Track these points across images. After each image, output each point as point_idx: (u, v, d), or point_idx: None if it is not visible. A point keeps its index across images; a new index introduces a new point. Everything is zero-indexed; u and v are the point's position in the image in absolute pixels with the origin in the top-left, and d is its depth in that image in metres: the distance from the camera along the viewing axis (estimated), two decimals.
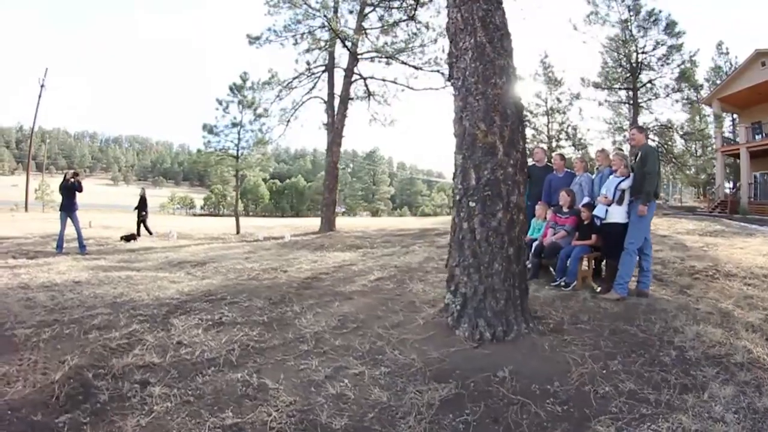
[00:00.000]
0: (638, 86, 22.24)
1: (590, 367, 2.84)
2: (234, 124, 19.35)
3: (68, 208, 9.01)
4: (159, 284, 5.29)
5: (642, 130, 5.13)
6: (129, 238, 11.89)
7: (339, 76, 17.76)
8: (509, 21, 3.75)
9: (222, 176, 23.39)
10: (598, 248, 5.21)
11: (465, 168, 3.45)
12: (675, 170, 25.05)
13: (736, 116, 24.01)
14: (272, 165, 27.57)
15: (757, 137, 20.67)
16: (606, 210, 4.85)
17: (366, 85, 18.28)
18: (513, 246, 3.40)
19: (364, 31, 17.18)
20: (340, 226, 17.89)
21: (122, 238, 11.86)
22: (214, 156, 19.93)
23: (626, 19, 21.81)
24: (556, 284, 5.13)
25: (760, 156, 20.45)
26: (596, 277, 5.48)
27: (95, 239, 11.67)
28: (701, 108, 24.68)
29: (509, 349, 3.13)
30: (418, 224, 18.82)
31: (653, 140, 21.83)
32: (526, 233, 5.32)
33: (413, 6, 15.29)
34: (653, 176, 4.56)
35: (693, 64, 22.32)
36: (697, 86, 23.56)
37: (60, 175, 11.63)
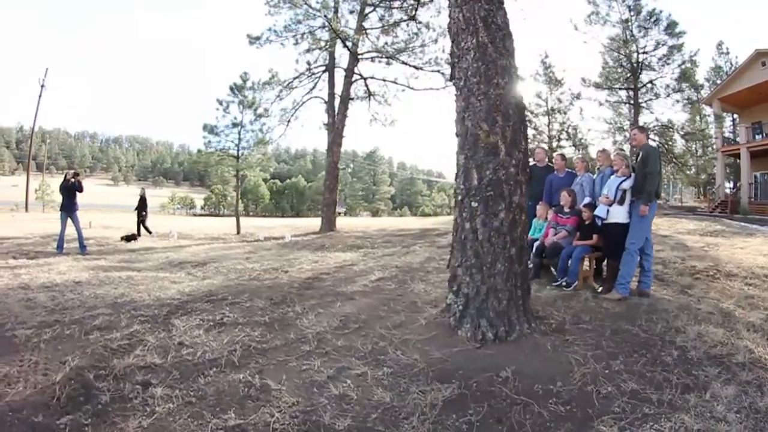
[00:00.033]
0: (639, 86, 22.24)
1: (592, 367, 2.84)
2: (234, 124, 19.36)
3: (69, 209, 9.01)
4: (160, 284, 5.26)
5: (643, 130, 5.13)
6: (129, 239, 11.89)
7: (339, 76, 17.82)
8: (510, 21, 3.75)
9: (222, 176, 23.41)
10: (600, 248, 5.20)
11: (467, 168, 3.45)
12: (675, 170, 25.04)
13: (737, 116, 24.00)
14: (273, 165, 27.58)
15: (758, 137, 20.67)
16: (607, 210, 4.85)
17: (366, 85, 18.31)
18: (515, 246, 3.40)
19: (365, 31, 17.18)
20: (341, 226, 17.89)
21: (123, 239, 11.87)
22: (215, 156, 19.95)
23: (627, 19, 21.80)
24: (558, 284, 5.14)
25: (761, 156, 20.46)
26: (597, 277, 5.48)
27: (96, 239, 11.66)
28: (701, 108, 24.68)
29: (512, 350, 3.13)
30: (419, 224, 18.81)
31: (654, 140, 21.83)
32: (528, 233, 5.32)
33: (414, 6, 15.29)
34: (654, 176, 4.57)
35: (693, 64, 22.33)
36: (698, 86, 23.57)
37: (60, 176, 11.61)
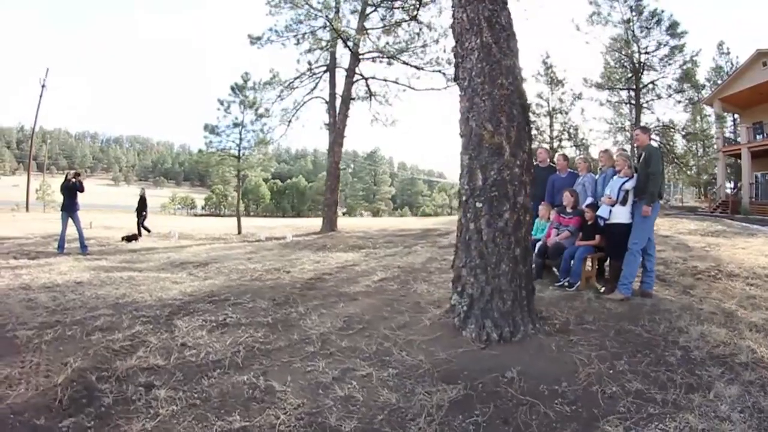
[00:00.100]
0: (640, 87, 22.24)
1: (597, 368, 2.84)
2: (235, 124, 19.38)
3: (69, 209, 9.00)
4: (161, 285, 5.24)
5: (646, 131, 5.12)
6: (130, 239, 11.89)
7: (340, 77, 17.78)
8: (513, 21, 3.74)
9: (223, 176, 23.42)
10: (602, 249, 5.20)
11: (471, 168, 3.44)
12: (677, 171, 25.06)
13: (738, 116, 23.98)
14: (274, 165, 27.57)
15: (759, 137, 20.63)
16: (610, 210, 4.85)
17: (367, 86, 18.28)
18: (520, 247, 3.39)
19: (366, 31, 17.16)
20: (342, 227, 17.86)
21: (123, 239, 11.86)
22: (216, 156, 19.96)
23: (629, 20, 21.82)
24: (560, 285, 5.13)
25: (762, 156, 20.43)
26: (600, 278, 5.47)
27: (96, 239, 11.66)
28: (702, 108, 24.68)
29: (516, 350, 3.12)
30: (420, 224, 18.79)
31: (655, 140, 21.83)
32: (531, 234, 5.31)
33: (415, 6, 15.28)
34: (657, 177, 4.56)
35: (694, 65, 22.35)
36: (699, 86, 23.57)
37: (61, 176, 11.62)
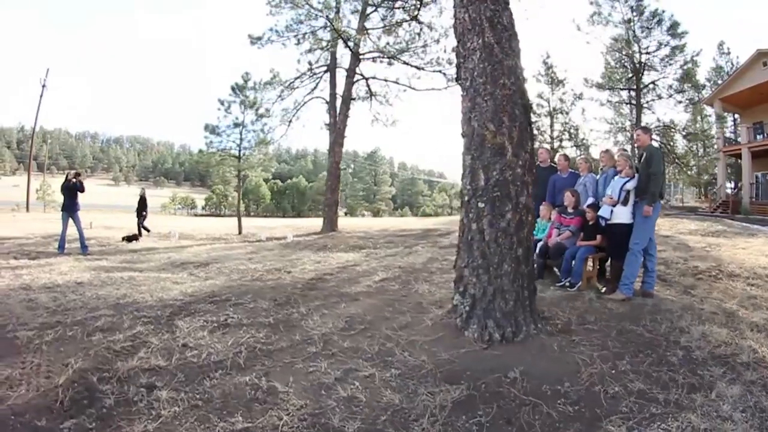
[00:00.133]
0: (641, 87, 22.23)
1: (599, 368, 2.84)
2: (236, 125, 19.40)
3: (70, 209, 9.00)
4: (162, 285, 5.23)
5: (647, 131, 5.11)
6: (131, 239, 11.89)
7: (341, 77, 17.78)
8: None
9: (224, 176, 23.43)
10: (603, 249, 5.20)
11: (474, 169, 3.44)
12: (677, 171, 25.06)
13: (738, 116, 23.97)
14: (274, 165, 27.59)
15: (759, 137, 20.64)
16: (611, 210, 4.84)
17: (368, 86, 18.28)
18: (522, 247, 3.39)
19: (367, 32, 17.15)
20: (342, 227, 17.85)
21: (124, 239, 11.86)
22: (216, 156, 19.97)
23: (629, 20, 21.82)
24: (561, 285, 5.13)
25: (762, 156, 20.44)
26: (601, 278, 5.47)
27: (97, 240, 11.66)
28: (703, 108, 24.67)
29: (519, 350, 3.12)
30: (420, 224, 18.79)
31: (655, 140, 21.83)
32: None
33: (416, 6, 15.27)
34: (658, 177, 4.56)
35: (694, 65, 22.35)
36: (699, 87, 23.56)
37: (61, 176, 11.63)
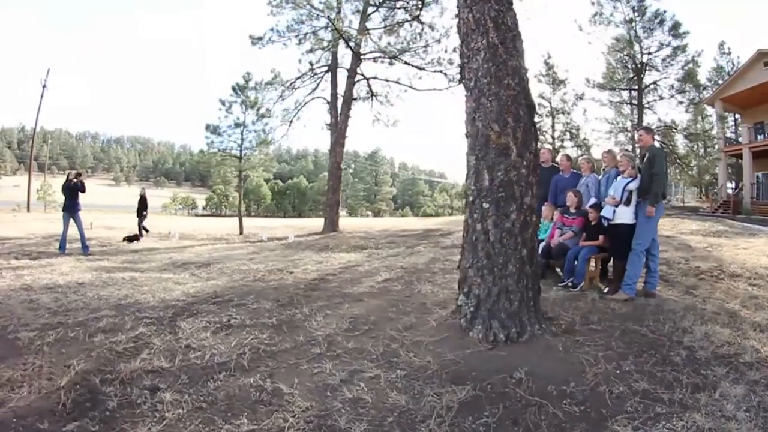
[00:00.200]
0: (642, 87, 22.22)
1: (604, 368, 2.84)
2: (237, 125, 19.43)
3: (71, 209, 9.00)
4: (164, 286, 5.21)
5: (649, 131, 5.12)
6: (132, 239, 11.89)
7: (342, 77, 17.77)
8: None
9: (224, 177, 23.44)
10: (606, 249, 5.19)
11: (478, 169, 3.43)
12: (679, 171, 25.05)
13: (739, 116, 23.96)
14: (275, 165, 27.61)
15: (760, 137, 20.63)
16: (613, 211, 4.84)
17: (369, 86, 18.28)
18: (526, 247, 3.38)
19: (368, 32, 17.14)
20: (344, 227, 17.85)
21: (125, 239, 11.87)
22: (217, 156, 19.98)
23: (631, 20, 21.81)
24: (564, 285, 5.13)
25: (763, 156, 20.43)
26: (603, 278, 5.47)
27: (98, 240, 11.67)
28: (704, 108, 24.65)
29: (523, 351, 3.12)
30: (421, 225, 18.79)
31: (657, 141, 21.81)
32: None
33: (417, 6, 15.26)
34: (661, 177, 4.56)
35: (695, 65, 22.34)
36: (700, 87, 23.54)
37: (62, 176, 11.61)
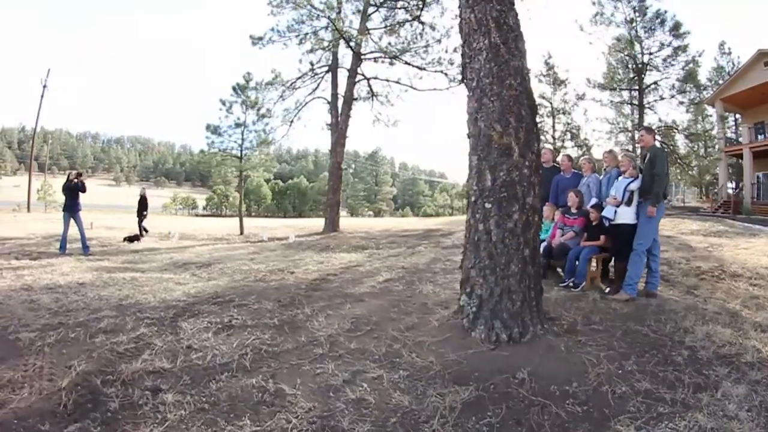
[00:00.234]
0: (643, 87, 22.23)
1: (606, 368, 2.84)
2: (237, 125, 19.42)
3: (71, 209, 8.99)
4: (165, 286, 5.20)
5: (650, 131, 5.12)
6: (132, 239, 11.89)
7: (342, 77, 17.73)
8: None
9: (225, 177, 23.44)
10: (607, 249, 5.19)
11: (480, 169, 3.43)
12: (679, 171, 25.05)
13: (739, 116, 23.95)
14: (275, 165, 27.64)
15: (760, 137, 20.60)
16: (615, 211, 4.84)
17: (369, 86, 18.26)
18: (529, 247, 3.37)
19: (368, 32, 17.13)
20: (344, 227, 17.84)
21: (125, 239, 11.86)
22: (218, 156, 19.97)
23: (632, 20, 21.82)
24: (565, 285, 5.13)
25: (763, 156, 20.41)
26: (604, 278, 5.46)
27: (98, 240, 11.66)
28: (704, 108, 24.65)
29: (526, 351, 3.11)
30: (422, 225, 18.79)
31: (657, 141, 21.81)
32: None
33: (418, 6, 15.25)
34: (662, 177, 4.56)
35: (696, 65, 22.34)
36: (701, 87, 23.54)
37: (62, 176, 11.62)
